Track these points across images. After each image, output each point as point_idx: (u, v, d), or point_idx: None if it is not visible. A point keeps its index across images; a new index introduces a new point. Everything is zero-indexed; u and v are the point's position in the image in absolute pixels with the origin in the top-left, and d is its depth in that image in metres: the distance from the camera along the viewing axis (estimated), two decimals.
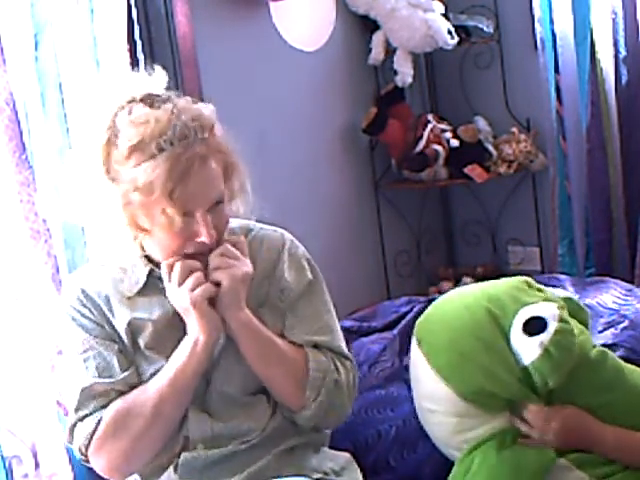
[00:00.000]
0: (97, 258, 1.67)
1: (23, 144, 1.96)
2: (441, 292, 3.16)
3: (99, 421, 1.55)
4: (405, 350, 2.34)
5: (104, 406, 1.56)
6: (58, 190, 1.64)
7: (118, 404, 1.55)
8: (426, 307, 2.51)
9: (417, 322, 1.86)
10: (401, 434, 1.90)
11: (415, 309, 2.55)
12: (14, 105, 1.94)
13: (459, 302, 1.79)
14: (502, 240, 3.51)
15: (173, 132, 1.44)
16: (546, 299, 1.73)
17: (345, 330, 2.39)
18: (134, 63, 2.36)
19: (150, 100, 1.49)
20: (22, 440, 2.01)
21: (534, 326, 1.66)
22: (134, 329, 1.58)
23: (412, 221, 3.49)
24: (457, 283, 3.43)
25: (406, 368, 2.24)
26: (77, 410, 1.57)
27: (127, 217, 1.48)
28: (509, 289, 1.76)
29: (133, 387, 1.57)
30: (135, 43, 2.45)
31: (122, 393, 1.56)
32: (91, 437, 1.55)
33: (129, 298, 1.59)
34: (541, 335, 1.64)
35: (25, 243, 1.97)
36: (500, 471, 1.63)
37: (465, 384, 1.69)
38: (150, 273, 1.59)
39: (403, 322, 2.49)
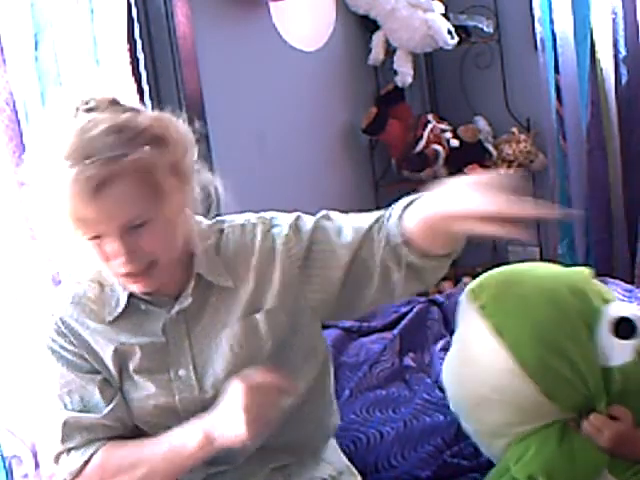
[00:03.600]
0: (75, 275, 1.57)
1: (23, 144, 1.96)
2: (441, 292, 3.16)
3: (86, 462, 1.49)
4: (405, 350, 2.35)
5: (91, 441, 1.50)
6: None
7: (109, 454, 1.49)
8: (427, 307, 2.54)
9: (485, 302, 1.72)
10: (402, 434, 1.90)
11: (415, 309, 2.55)
12: (14, 105, 1.94)
13: (538, 290, 1.71)
14: (502, 240, 3.50)
15: (76, 150, 1.30)
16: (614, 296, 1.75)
17: (345, 330, 2.40)
18: (134, 63, 2.36)
19: (82, 107, 1.37)
20: (22, 440, 2.01)
21: (622, 328, 1.65)
22: (121, 355, 1.50)
23: None
24: (457, 283, 3.43)
25: (406, 368, 2.24)
26: (63, 442, 1.50)
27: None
28: (587, 282, 1.74)
29: (120, 419, 1.51)
30: (135, 43, 2.45)
31: (110, 428, 1.50)
32: (76, 474, 1.50)
33: (111, 322, 1.50)
34: (635, 340, 1.64)
35: (25, 243, 1.97)
36: (556, 465, 1.62)
37: (551, 380, 1.64)
38: (131, 294, 1.49)
39: (403, 322, 2.49)
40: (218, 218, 1.58)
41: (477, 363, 1.72)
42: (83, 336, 1.51)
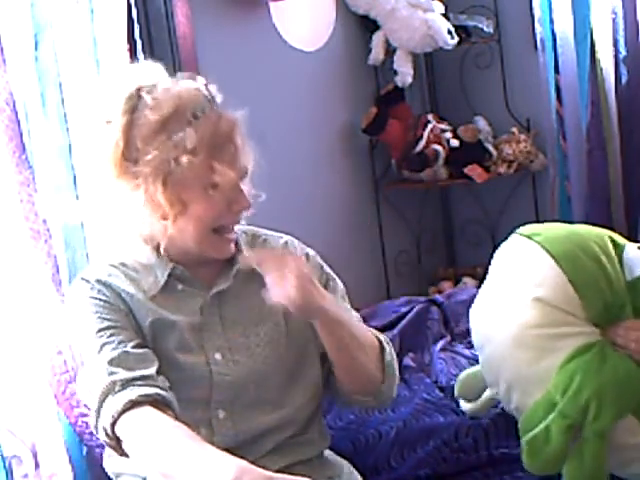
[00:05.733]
0: (105, 258, 1.59)
1: (23, 144, 1.96)
2: (441, 292, 3.17)
3: (132, 403, 1.39)
4: (405, 350, 2.35)
5: (137, 380, 1.42)
6: (59, 190, 1.61)
7: (152, 423, 1.38)
8: (427, 307, 2.54)
9: (522, 230, 1.90)
10: (401, 434, 1.90)
11: (415, 309, 2.55)
12: (14, 105, 1.94)
13: (571, 226, 1.91)
14: (502, 240, 3.49)
15: (205, 101, 1.49)
16: None
17: None
18: (134, 63, 2.36)
19: (170, 79, 1.51)
20: (22, 440, 2.01)
21: None
22: (158, 329, 1.51)
23: (412, 221, 3.49)
24: (457, 283, 3.43)
25: (406, 368, 2.25)
26: (110, 375, 1.42)
27: (166, 193, 1.44)
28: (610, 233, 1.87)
29: (161, 379, 1.46)
30: (135, 43, 2.45)
31: (153, 378, 1.44)
32: (118, 417, 1.39)
33: (150, 298, 1.53)
34: None
35: (25, 243, 1.96)
36: (604, 388, 1.65)
37: (580, 272, 1.72)
38: (171, 273, 1.54)
39: (403, 322, 2.49)
40: (250, 227, 1.67)
41: (513, 265, 1.82)
42: (125, 299, 1.53)
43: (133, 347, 1.47)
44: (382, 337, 1.62)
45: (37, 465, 2.02)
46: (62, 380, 1.99)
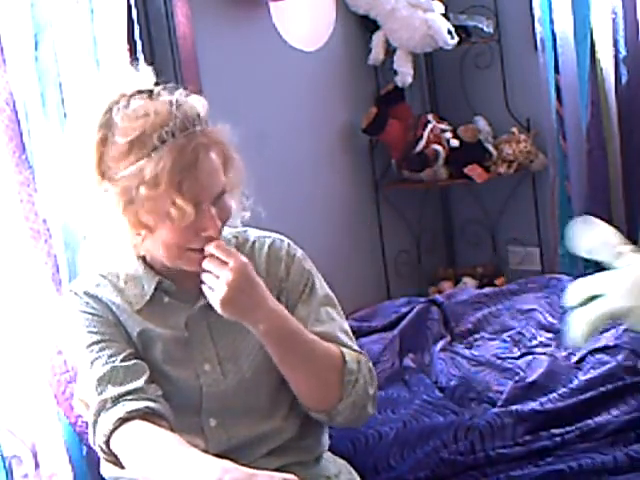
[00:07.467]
0: (95, 268, 1.58)
1: (23, 144, 1.96)
2: (441, 292, 3.17)
3: (121, 420, 1.41)
4: (405, 351, 2.35)
5: (128, 394, 1.44)
6: (58, 191, 1.61)
7: (144, 437, 1.41)
8: (427, 307, 2.54)
9: None
10: (401, 435, 1.90)
11: (415, 309, 2.55)
12: (14, 105, 1.94)
13: None
14: (502, 240, 3.51)
15: (174, 123, 1.40)
16: None
17: None
18: (134, 63, 2.36)
19: (146, 93, 1.45)
20: (22, 440, 2.01)
21: None
22: (146, 339, 1.52)
23: (412, 221, 3.49)
24: (457, 283, 3.43)
25: (406, 368, 2.25)
26: (100, 394, 1.44)
27: (129, 216, 1.43)
28: None
29: (153, 387, 1.47)
30: (135, 43, 2.45)
31: (144, 390, 1.45)
32: (110, 434, 1.42)
33: (137, 311, 1.52)
34: None
35: (25, 243, 1.97)
36: None
37: None
38: (157, 286, 1.53)
39: (403, 322, 2.50)
40: (242, 230, 1.63)
41: None
42: (113, 311, 1.53)
43: (123, 359, 1.48)
44: (347, 356, 1.52)
45: (37, 465, 2.02)
46: (62, 380, 2.00)
